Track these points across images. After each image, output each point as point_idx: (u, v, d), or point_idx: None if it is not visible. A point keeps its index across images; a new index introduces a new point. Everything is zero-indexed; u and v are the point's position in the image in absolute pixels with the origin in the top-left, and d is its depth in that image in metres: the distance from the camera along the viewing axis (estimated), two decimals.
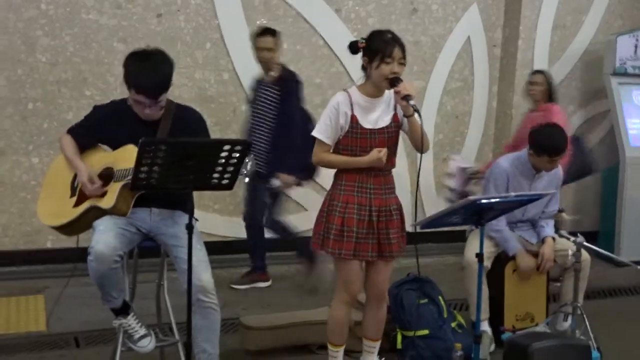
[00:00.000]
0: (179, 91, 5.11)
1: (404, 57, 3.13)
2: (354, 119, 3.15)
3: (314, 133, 3.21)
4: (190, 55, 5.37)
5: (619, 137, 6.14)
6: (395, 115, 3.22)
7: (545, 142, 3.88)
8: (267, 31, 4.85)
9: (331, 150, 3.25)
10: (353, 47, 3.21)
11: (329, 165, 3.31)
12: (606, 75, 6.25)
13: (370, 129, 3.16)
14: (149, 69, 2.98)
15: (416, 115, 3.07)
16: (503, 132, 6.38)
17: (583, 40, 6.52)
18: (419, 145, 3.14)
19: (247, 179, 2.94)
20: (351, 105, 3.16)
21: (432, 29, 6.15)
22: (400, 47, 3.11)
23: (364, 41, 3.17)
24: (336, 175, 3.29)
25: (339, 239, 3.18)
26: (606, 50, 6.26)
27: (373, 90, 3.19)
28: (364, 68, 3.21)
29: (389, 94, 3.22)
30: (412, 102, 3.03)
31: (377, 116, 3.19)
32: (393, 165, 3.30)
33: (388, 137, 3.19)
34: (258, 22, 5.53)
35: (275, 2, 5.59)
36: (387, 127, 3.20)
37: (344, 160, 3.20)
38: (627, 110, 6.22)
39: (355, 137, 3.16)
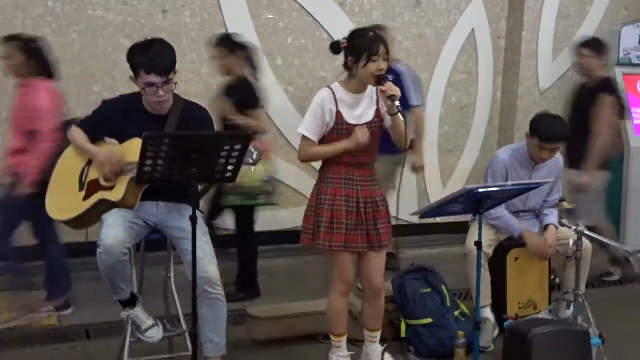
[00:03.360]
0: (186, 86, 5.15)
1: (387, 53, 3.20)
2: (339, 115, 3.22)
3: (300, 130, 3.26)
4: (196, 50, 5.42)
5: (624, 127, 6.13)
6: (378, 110, 3.30)
7: (541, 126, 3.92)
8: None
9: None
10: (335, 48, 3.26)
11: (316, 158, 3.38)
12: (611, 65, 6.24)
13: (355, 125, 3.23)
14: (155, 50, 3.07)
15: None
16: (508, 123, 6.41)
17: (588, 31, 6.51)
18: (401, 142, 3.27)
19: (254, 168, 3.00)
20: (336, 101, 3.22)
21: (436, 22, 6.17)
22: (384, 44, 3.18)
23: (345, 41, 3.22)
24: (322, 170, 3.34)
25: (329, 231, 3.24)
26: (611, 40, 6.24)
27: (357, 86, 3.25)
28: (345, 66, 3.26)
29: (371, 88, 3.28)
30: (397, 103, 3.10)
31: (361, 111, 3.27)
32: (375, 159, 3.37)
33: (372, 131, 3.26)
34: (263, 17, 5.59)
35: None
36: (371, 122, 3.27)
37: (329, 149, 3.26)
38: (632, 101, 6.22)
39: (340, 133, 3.23)
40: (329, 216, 3.24)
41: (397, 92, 3.10)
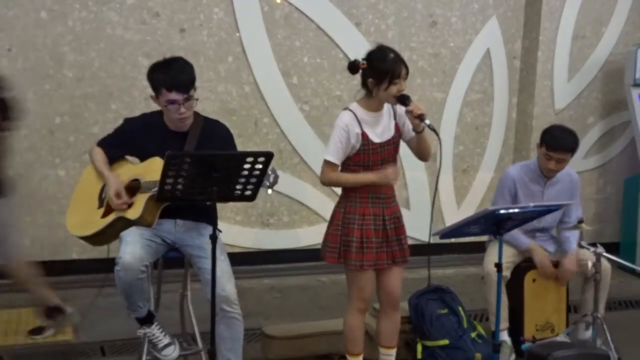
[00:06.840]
0: (202, 104, 5.11)
1: (407, 73, 3.23)
2: (364, 136, 3.23)
3: (326, 156, 3.25)
4: (213, 69, 5.46)
5: None
6: (397, 125, 3.34)
7: (550, 135, 3.94)
8: None
9: (340, 166, 3.32)
10: (353, 68, 3.24)
11: (338, 184, 3.40)
12: (627, 86, 6.23)
13: (380, 143, 3.26)
14: (175, 68, 3.13)
15: (428, 130, 3.20)
16: (523, 143, 6.39)
17: (603, 52, 6.51)
18: (423, 156, 3.36)
19: (270, 191, 3.01)
20: (359, 123, 3.23)
21: (452, 41, 6.18)
22: (404, 65, 3.21)
23: (364, 62, 3.22)
24: (348, 188, 3.34)
25: (360, 251, 3.25)
26: (626, 61, 6.25)
27: (376, 105, 3.28)
28: (364, 86, 3.27)
29: (387, 105, 3.32)
30: (427, 122, 3.11)
31: (383, 129, 3.30)
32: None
33: (394, 147, 3.33)
34: (279, 36, 5.63)
35: (296, 16, 5.67)
36: (392, 137, 3.31)
37: (353, 179, 3.28)
38: None
39: (367, 153, 3.25)
40: (358, 236, 3.25)
41: (424, 110, 3.14)
